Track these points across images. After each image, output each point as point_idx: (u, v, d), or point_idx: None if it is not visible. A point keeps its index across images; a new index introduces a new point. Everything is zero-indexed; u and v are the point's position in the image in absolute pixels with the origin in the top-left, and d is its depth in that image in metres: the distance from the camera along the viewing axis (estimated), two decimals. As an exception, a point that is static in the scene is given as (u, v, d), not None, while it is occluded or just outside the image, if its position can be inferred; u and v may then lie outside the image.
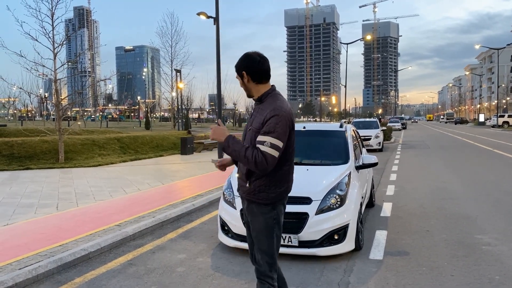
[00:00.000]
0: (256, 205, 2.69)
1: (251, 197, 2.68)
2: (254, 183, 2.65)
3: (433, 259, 4.59)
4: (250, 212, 2.75)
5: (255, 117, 2.65)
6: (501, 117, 57.52)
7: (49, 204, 7.52)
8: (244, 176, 2.69)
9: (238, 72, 2.67)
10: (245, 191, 2.72)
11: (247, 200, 2.74)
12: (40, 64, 14.52)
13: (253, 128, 2.61)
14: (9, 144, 14.93)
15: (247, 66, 2.63)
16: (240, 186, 2.77)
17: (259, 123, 2.58)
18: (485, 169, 12.32)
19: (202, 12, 15.57)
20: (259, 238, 2.70)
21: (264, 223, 2.68)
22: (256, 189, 2.65)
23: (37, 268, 4.20)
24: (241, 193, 2.79)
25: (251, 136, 2.62)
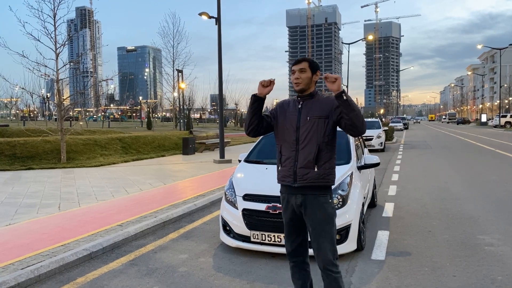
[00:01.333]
0: (321, 193, 2.86)
1: (320, 181, 2.84)
2: (324, 166, 2.86)
3: (435, 260, 4.58)
4: (311, 203, 2.86)
5: (310, 109, 2.89)
6: (503, 117, 57.36)
7: (51, 204, 7.54)
8: (312, 161, 2.83)
9: (314, 69, 2.92)
10: (311, 178, 2.83)
11: (308, 188, 2.85)
12: (42, 65, 14.59)
13: (315, 117, 2.86)
14: (11, 144, 14.97)
15: (319, 67, 2.98)
16: (302, 175, 2.85)
17: (326, 111, 2.85)
18: (487, 169, 12.29)
19: (204, 12, 15.57)
20: (323, 228, 2.85)
21: (328, 210, 2.88)
22: (326, 172, 2.86)
23: (39, 268, 4.20)
24: (302, 182, 2.85)
25: (315, 123, 2.85)
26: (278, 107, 3.09)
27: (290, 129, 2.93)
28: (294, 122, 2.93)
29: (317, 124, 2.86)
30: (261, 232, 4.58)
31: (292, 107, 3.00)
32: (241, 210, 4.73)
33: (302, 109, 2.93)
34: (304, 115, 2.90)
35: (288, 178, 2.92)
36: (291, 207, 2.95)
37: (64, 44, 14.98)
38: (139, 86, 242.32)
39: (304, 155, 2.86)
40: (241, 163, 5.78)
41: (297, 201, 2.91)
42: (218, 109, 16.26)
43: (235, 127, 65.47)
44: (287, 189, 2.96)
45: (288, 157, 2.92)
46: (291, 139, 2.92)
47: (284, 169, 2.95)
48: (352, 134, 2.84)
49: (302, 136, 2.88)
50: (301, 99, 2.97)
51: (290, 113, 2.98)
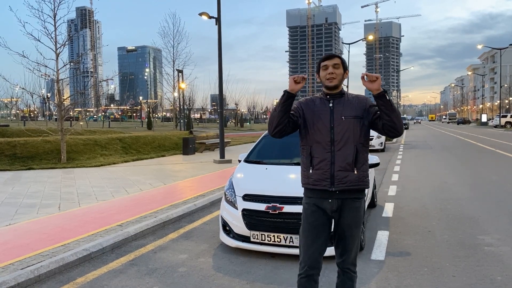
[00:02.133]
0: (357, 197, 2.77)
1: (359, 184, 2.74)
2: (362, 168, 2.76)
3: (435, 260, 4.59)
4: (348, 208, 2.76)
5: (343, 108, 2.76)
6: (503, 117, 57.36)
7: (51, 204, 7.54)
8: (351, 163, 2.71)
9: (345, 67, 2.84)
10: (351, 181, 2.71)
11: (346, 191, 2.72)
12: (43, 65, 14.61)
13: (351, 116, 2.74)
14: (11, 144, 14.98)
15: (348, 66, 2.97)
16: (341, 178, 2.71)
17: (360, 111, 2.77)
18: (487, 170, 12.28)
19: (204, 12, 15.58)
20: (355, 232, 2.80)
21: (361, 214, 2.82)
22: (364, 174, 2.77)
23: (39, 268, 4.21)
24: (341, 186, 2.71)
25: (351, 123, 2.73)
26: (303, 105, 2.87)
27: (323, 129, 2.75)
28: (327, 121, 2.75)
29: (353, 124, 2.73)
30: (260, 232, 4.58)
31: (321, 106, 2.81)
32: (241, 210, 4.73)
33: (334, 108, 2.77)
34: (338, 114, 2.74)
35: (323, 182, 2.73)
36: (322, 211, 2.78)
37: (64, 44, 14.99)
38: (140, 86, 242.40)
39: (343, 157, 2.71)
40: (241, 163, 5.79)
41: (333, 206, 2.75)
42: (218, 109, 16.26)
43: (235, 127, 65.48)
44: (320, 193, 2.76)
45: (323, 159, 2.73)
46: (326, 140, 2.74)
47: (318, 172, 2.75)
48: (391, 136, 2.75)
49: (338, 137, 2.72)
50: (330, 97, 2.81)
51: (320, 112, 2.79)
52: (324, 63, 2.78)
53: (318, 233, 2.80)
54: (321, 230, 2.80)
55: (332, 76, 2.75)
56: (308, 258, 2.83)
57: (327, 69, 2.77)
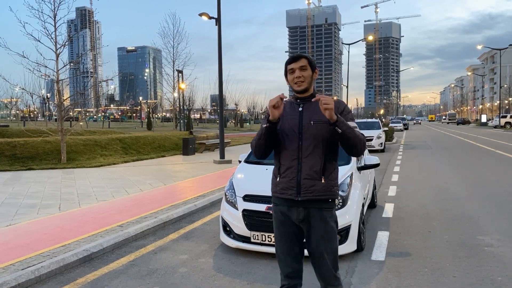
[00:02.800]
0: (326, 207, 2.58)
1: (326, 194, 2.56)
2: (330, 177, 2.58)
3: (435, 260, 4.59)
4: (315, 218, 2.57)
5: (313, 112, 2.56)
6: (503, 117, 57.38)
7: (51, 204, 7.55)
8: (319, 171, 2.54)
9: (313, 67, 2.66)
10: (318, 190, 2.54)
11: (312, 201, 2.55)
12: (43, 65, 14.60)
13: (320, 121, 2.53)
14: (11, 144, 14.98)
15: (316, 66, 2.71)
16: (307, 187, 2.54)
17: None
18: (487, 170, 12.29)
19: (204, 13, 15.58)
20: (327, 245, 2.57)
21: (333, 225, 2.61)
22: (332, 183, 2.58)
23: (39, 269, 4.21)
24: (307, 195, 2.54)
25: (320, 128, 2.54)
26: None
27: (291, 135, 2.59)
28: (295, 127, 2.59)
29: (322, 129, 2.53)
30: (261, 233, 4.58)
31: (290, 110, 2.66)
32: (241, 210, 4.73)
33: (303, 112, 2.61)
34: (307, 119, 2.58)
35: (289, 191, 2.58)
36: (291, 221, 2.63)
37: (64, 45, 15.00)
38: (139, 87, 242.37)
39: (309, 165, 2.55)
40: (241, 164, 5.79)
41: (299, 216, 2.59)
42: (218, 110, 16.27)
43: (235, 127, 65.49)
44: (287, 202, 2.61)
45: (289, 166, 2.59)
46: (293, 147, 2.58)
47: (285, 180, 2.60)
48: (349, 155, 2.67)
49: (305, 143, 2.56)
50: (301, 101, 2.65)
51: (289, 117, 2.63)
52: (290, 66, 2.62)
53: (291, 242, 2.65)
54: (294, 239, 2.65)
55: (299, 80, 2.59)
56: (286, 269, 2.68)
57: (293, 72, 2.61)
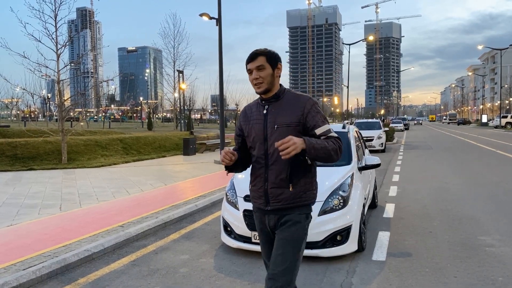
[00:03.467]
0: (297, 212, 2.40)
1: (295, 201, 2.39)
2: (300, 183, 2.40)
3: (436, 261, 4.59)
4: (284, 221, 2.41)
5: (277, 114, 2.38)
6: (504, 117, 57.34)
7: (52, 204, 7.55)
8: (285, 179, 2.37)
9: (274, 62, 2.40)
10: (286, 199, 2.38)
11: (282, 209, 2.40)
12: (44, 65, 14.61)
13: (284, 125, 2.35)
14: (12, 145, 14.99)
15: (280, 59, 2.46)
16: (275, 196, 2.40)
17: (295, 116, 2.36)
18: (488, 170, 12.29)
19: (205, 13, 15.60)
20: (286, 250, 2.37)
21: (297, 232, 2.39)
22: (302, 189, 2.41)
23: (40, 269, 4.22)
24: (276, 204, 2.40)
25: (284, 132, 2.32)
26: (242, 117, 2.58)
27: (257, 141, 2.43)
28: (260, 131, 2.42)
29: (287, 133, 2.30)
30: (262, 233, 4.58)
31: (256, 113, 2.48)
32: (242, 211, 4.74)
33: (268, 114, 2.41)
34: (271, 123, 2.39)
35: (259, 200, 2.46)
36: (267, 228, 2.51)
37: (65, 45, 15.01)
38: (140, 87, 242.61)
39: (276, 172, 2.38)
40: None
41: (270, 223, 2.46)
42: (219, 110, 16.27)
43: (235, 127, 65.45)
44: (259, 211, 2.51)
45: (257, 175, 2.46)
46: (260, 153, 2.42)
47: (254, 189, 2.49)
48: None
49: (271, 149, 2.37)
50: (265, 102, 2.45)
51: (254, 121, 2.46)
52: (248, 66, 2.42)
53: (270, 252, 2.52)
54: (271, 248, 2.50)
55: (257, 82, 2.38)
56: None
57: (251, 73, 2.40)
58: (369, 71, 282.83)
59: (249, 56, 2.41)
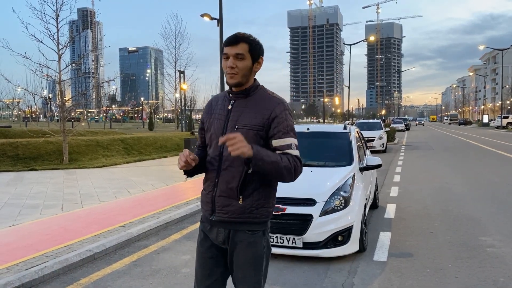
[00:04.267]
0: (248, 231, 2.07)
1: (244, 217, 2.05)
2: (252, 195, 2.04)
3: (437, 261, 4.60)
4: (237, 240, 2.08)
5: (241, 113, 2.06)
6: (505, 118, 57.34)
7: (54, 205, 7.57)
8: (235, 189, 2.02)
9: (256, 55, 2.08)
10: (233, 212, 2.04)
11: (229, 223, 2.06)
12: (45, 66, 14.64)
13: (246, 127, 2.03)
14: (14, 145, 15.02)
15: (263, 52, 2.13)
16: (222, 206, 2.06)
17: (260, 119, 2.03)
18: (489, 171, 12.28)
19: (206, 13, 15.63)
20: (245, 274, 2.08)
21: (256, 252, 2.09)
22: (253, 205, 2.05)
23: (43, 269, 4.23)
24: (222, 216, 2.06)
25: (245, 135, 1.96)
26: (206, 108, 2.24)
27: (214, 139, 2.11)
28: (219, 129, 2.09)
29: (248, 137, 1.98)
30: (263, 233, 4.59)
31: (220, 107, 2.16)
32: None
33: (231, 111, 2.10)
34: (233, 121, 2.07)
35: (206, 207, 2.14)
36: (211, 241, 2.17)
37: (66, 46, 15.04)
38: (141, 87, 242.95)
39: (226, 179, 2.04)
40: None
41: (219, 237, 2.12)
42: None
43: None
44: (206, 219, 2.17)
45: (208, 178, 2.14)
46: (214, 154, 2.10)
47: (203, 194, 2.16)
48: None
49: (226, 152, 2.00)
50: (233, 96, 2.12)
51: (216, 116, 2.15)
52: (225, 50, 2.04)
53: (211, 267, 2.17)
54: (214, 264, 2.17)
55: (231, 72, 2.03)
56: None
57: (226, 59, 2.05)
58: (370, 71, 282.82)
59: (229, 39, 2.05)
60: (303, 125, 6.74)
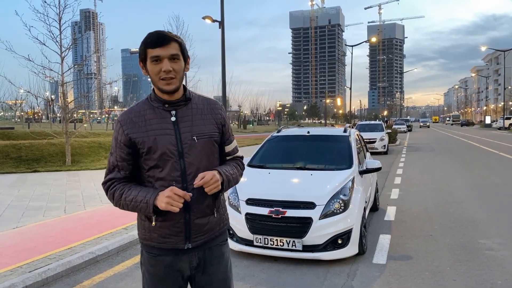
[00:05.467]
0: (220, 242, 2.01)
1: (220, 228, 1.98)
2: (220, 204, 2.01)
3: (436, 264, 4.64)
4: (212, 256, 1.97)
5: (192, 122, 1.88)
6: (507, 119, 57.19)
7: (57, 207, 7.64)
8: (212, 205, 1.93)
9: (186, 54, 1.88)
10: (211, 229, 1.93)
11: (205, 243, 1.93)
12: (48, 68, 14.73)
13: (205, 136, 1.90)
14: (17, 147, 15.13)
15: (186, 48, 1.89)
16: (200, 228, 1.90)
17: (213, 125, 1.93)
18: (490, 172, 12.30)
19: (208, 16, 15.69)
20: (227, 283, 2.05)
21: (229, 259, 2.07)
22: (223, 216, 2.02)
23: (46, 271, 4.29)
24: (199, 238, 1.91)
25: (206, 145, 1.90)
26: (128, 125, 1.87)
27: (168, 159, 1.83)
28: (172, 145, 1.84)
29: (209, 146, 1.90)
30: (264, 236, 4.65)
31: (155, 121, 1.86)
32: (244, 214, 4.80)
33: (179, 122, 1.87)
34: (186, 133, 1.86)
35: (173, 238, 1.87)
36: (178, 273, 1.94)
37: (69, 48, 15.13)
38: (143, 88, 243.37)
39: (201, 198, 1.87)
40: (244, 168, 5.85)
41: (192, 263, 1.93)
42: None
43: (238, 128, 65.57)
44: (171, 252, 1.91)
45: None
46: (173, 174, 1.83)
47: (166, 225, 1.86)
48: None
49: (191, 168, 1.85)
50: (171, 106, 1.88)
51: (157, 131, 1.85)
52: (155, 52, 1.78)
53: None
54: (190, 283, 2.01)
55: (170, 76, 1.80)
56: None
57: (159, 62, 1.80)
58: (372, 72, 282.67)
59: (158, 38, 1.78)
60: (304, 128, 6.81)
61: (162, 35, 1.79)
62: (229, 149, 2.03)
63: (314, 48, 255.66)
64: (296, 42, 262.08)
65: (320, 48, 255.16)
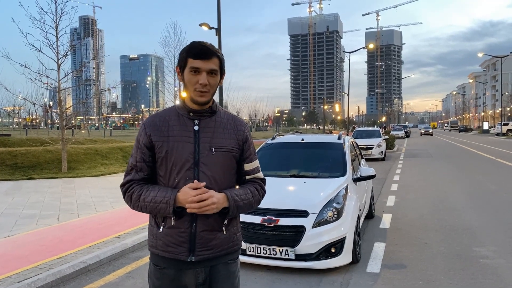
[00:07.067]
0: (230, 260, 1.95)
1: (228, 248, 1.92)
2: (232, 223, 1.94)
3: (430, 273, 4.60)
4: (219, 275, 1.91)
5: (213, 133, 1.89)
6: (505, 125, 57.28)
7: (50, 215, 7.58)
8: (218, 222, 1.87)
9: (223, 71, 1.92)
10: (217, 245, 1.88)
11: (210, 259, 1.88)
12: (44, 75, 14.71)
13: (224, 149, 1.88)
14: (12, 154, 15.06)
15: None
16: (206, 243, 1.85)
17: (235, 141, 1.93)
18: (487, 179, 12.28)
19: (204, 23, 15.73)
20: None
21: (236, 278, 1.99)
22: (234, 231, 1.96)
23: (36, 281, 4.24)
24: (204, 253, 1.85)
25: (224, 159, 1.88)
26: (151, 128, 1.91)
27: (182, 166, 1.83)
28: (189, 153, 1.83)
29: (226, 160, 1.89)
30: (256, 245, 4.60)
31: (178, 128, 1.88)
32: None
33: (200, 132, 1.87)
34: (206, 144, 1.86)
35: (178, 248, 1.84)
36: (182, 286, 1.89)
37: (66, 55, 15.13)
38: (141, 95, 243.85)
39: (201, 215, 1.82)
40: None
41: (198, 279, 1.88)
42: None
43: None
44: (174, 263, 1.87)
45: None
46: (186, 183, 1.81)
47: (171, 232, 1.84)
48: None
49: (204, 179, 1.82)
50: (196, 115, 1.90)
51: (177, 138, 1.86)
52: (196, 64, 1.81)
53: None
54: None
55: (205, 90, 1.84)
56: None
57: (198, 73, 1.83)
58: (370, 78, 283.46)
59: (201, 50, 1.82)
60: (299, 135, 6.78)
61: (205, 48, 1.82)
62: (249, 168, 1.98)
63: (312, 54, 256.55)
64: (294, 49, 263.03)
65: (318, 55, 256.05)
